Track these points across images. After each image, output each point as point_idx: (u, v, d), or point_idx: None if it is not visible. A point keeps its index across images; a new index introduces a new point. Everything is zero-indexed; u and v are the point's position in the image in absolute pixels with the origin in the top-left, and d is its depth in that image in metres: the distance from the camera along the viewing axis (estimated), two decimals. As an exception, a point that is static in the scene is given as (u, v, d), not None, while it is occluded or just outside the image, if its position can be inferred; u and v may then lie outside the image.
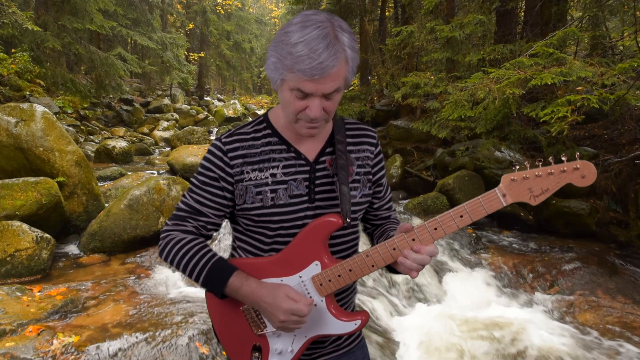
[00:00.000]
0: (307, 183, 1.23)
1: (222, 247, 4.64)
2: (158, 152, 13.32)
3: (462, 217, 1.12)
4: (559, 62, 4.45)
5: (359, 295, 3.90)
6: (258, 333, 1.26)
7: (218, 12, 24.81)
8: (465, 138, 7.74)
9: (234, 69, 27.79)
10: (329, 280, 1.19)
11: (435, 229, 1.13)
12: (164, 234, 1.29)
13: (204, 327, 3.04)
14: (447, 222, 1.13)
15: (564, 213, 5.63)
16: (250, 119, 1.39)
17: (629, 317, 3.79)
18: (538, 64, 4.47)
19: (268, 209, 1.21)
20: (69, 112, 13.27)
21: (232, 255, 1.37)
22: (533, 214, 6.07)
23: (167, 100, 20.42)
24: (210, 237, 1.34)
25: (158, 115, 18.02)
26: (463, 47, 6.78)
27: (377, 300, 3.96)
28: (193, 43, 26.29)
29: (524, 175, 1.10)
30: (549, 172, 1.09)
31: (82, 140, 12.06)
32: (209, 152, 1.25)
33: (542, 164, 1.10)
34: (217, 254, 1.24)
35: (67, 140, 5.32)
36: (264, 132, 1.26)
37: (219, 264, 1.22)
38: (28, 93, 12.00)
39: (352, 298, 1.39)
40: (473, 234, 5.43)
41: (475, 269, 4.75)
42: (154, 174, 7.84)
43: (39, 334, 2.88)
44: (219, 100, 27.26)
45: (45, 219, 4.63)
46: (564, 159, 1.09)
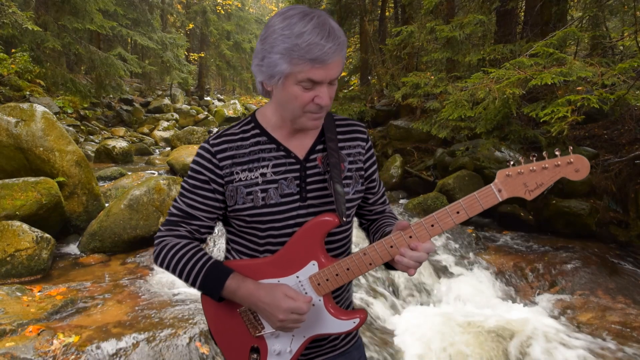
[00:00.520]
0: (297, 181, 1.22)
1: (216, 250, 4.63)
2: (158, 152, 13.30)
3: (458, 213, 1.12)
4: (559, 62, 4.45)
5: (357, 294, 3.90)
6: (256, 334, 1.25)
7: (218, 12, 24.80)
8: (465, 138, 7.73)
9: (234, 69, 27.77)
10: (327, 280, 1.19)
11: (432, 226, 1.14)
12: (158, 240, 1.28)
13: (204, 327, 3.04)
14: (443, 218, 1.13)
15: (564, 213, 5.63)
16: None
17: (629, 317, 3.79)
18: (538, 64, 4.47)
19: (259, 209, 1.20)
20: (69, 112, 13.26)
21: (226, 258, 1.36)
22: (533, 214, 6.06)
23: (167, 100, 20.41)
24: (205, 240, 1.33)
25: (158, 115, 18.00)
26: (463, 47, 6.78)
27: (375, 300, 3.95)
28: (193, 43, 26.28)
29: (519, 171, 1.11)
30: (543, 166, 1.10)
31: (82, 140, 12.05)
32: (198, 155, 1.23)
33: (536, 159, 1.11)
34: (212, 257, 1.24)
35: (67, 140, 5.32)
36: (252, 132, 1.25)
37: (215, 267, 1.21)
38: (28, 93, 11.99)
39: (349, 296, 1.39)
40: (473, 234, 5.43)
41: (475, 269, 4.75)
42: (154, 174, 7.85)
43: (39, 334, 2.87)
44: (219, 100, 27.26)
45: (46, 219, 4.63)
46: (558, 154, 1.10)
